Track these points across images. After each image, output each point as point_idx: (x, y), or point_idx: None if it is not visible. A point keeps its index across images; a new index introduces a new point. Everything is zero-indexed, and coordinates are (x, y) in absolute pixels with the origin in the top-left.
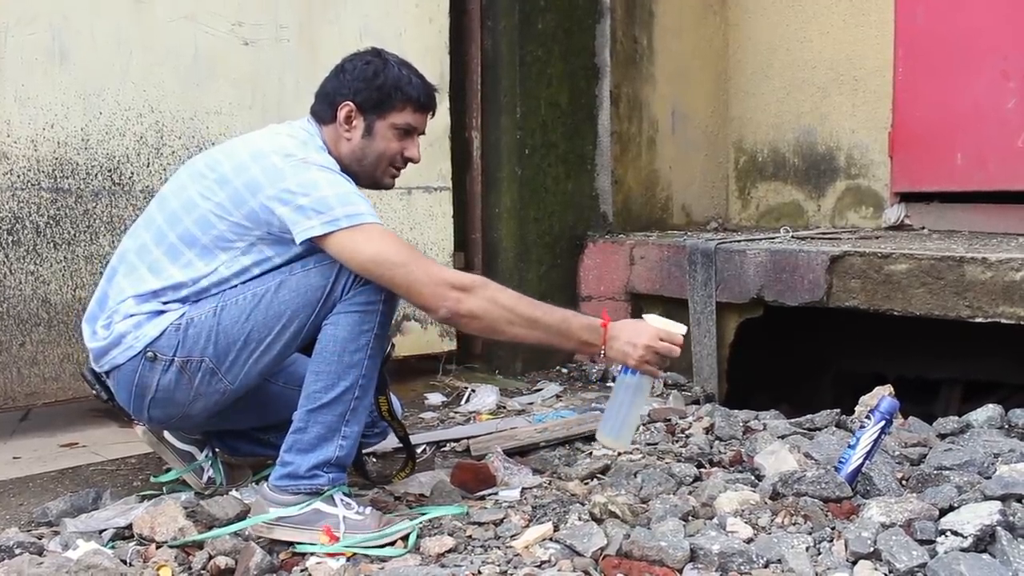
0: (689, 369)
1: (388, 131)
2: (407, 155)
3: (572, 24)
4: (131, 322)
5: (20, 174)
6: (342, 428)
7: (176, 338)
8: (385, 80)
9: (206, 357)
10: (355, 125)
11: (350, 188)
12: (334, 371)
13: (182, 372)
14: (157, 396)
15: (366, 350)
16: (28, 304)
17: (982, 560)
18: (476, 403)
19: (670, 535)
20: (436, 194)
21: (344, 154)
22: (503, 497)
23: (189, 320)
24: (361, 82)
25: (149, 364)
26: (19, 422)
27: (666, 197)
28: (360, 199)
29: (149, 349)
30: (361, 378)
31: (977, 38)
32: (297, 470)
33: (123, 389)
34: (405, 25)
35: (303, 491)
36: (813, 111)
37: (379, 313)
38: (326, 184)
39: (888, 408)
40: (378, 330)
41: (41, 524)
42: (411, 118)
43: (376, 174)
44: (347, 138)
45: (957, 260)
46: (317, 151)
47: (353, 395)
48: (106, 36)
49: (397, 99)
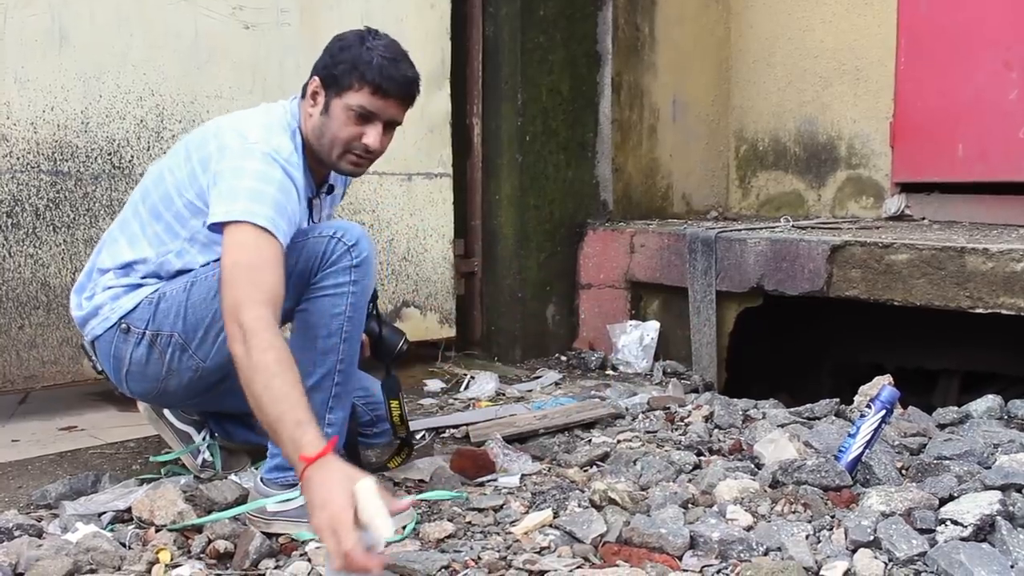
0: (688, 358)
1: (342, 112)
2: (364, 142)
3: (574, 11)
4: (109, 294)
5: (19, 157)
6: (326, 415)
7: (148, 312)
8: (347, 57)
9: (175, 332)
10: (318, 101)
11: (273, 187)
12: (310, 358)
13: (152, 346)
14: (131, 369)
15: (340, 334)
16: (27, 287)
17: (982, 549)
18: (475, 390)
19: (670, 522)
20: (436, 180)
21: (309, 130)
22: (502, 484)
23: (162, 295)
24: (328, 56)
25: (123, 336)
26: (18, 405)
27: (667, 185)
28: (270, 201)
29: (123, 321)
30: (339, 363)
31: (979, 28)
32: (284, 462)
33: (104, 359)
34: (406, 11)
35: (292, 482)
36: (815, 100)
37: (348, 295)
38: (251, 175)
39: (889, 397)
40: (350, 312)
41: (40, 507)
42: (366, 101)
43: (332, 156)
44: (310, 113)
45: (958, 250)
46: (281, 134)
47: (333, 381)
48: (106, 18)
49: (353, 78)
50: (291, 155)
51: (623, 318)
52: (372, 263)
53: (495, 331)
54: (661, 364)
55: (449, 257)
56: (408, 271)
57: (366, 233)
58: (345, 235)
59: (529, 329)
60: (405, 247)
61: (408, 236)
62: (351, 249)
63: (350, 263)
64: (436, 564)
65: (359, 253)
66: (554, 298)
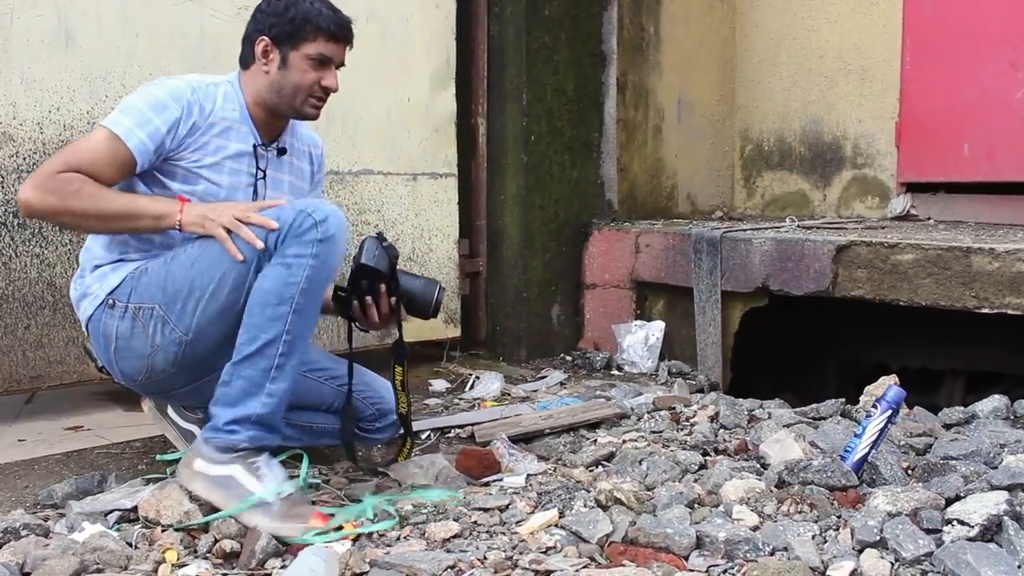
0: (693, 358)
1: (302, 62)
2: (324, 84)
3: (579, 11)
4: (97, 273)
5: (26, 156)
6: (266, 384)
7: (131, 285)
8: (296, 13)
9: (156, 304)
10: (271, 58)
11: (144, 103)
12: (257, 323)
13: (135, 319)
14: (119, 345)
15: (290, 303)
16: (34, 287)
17: (989, 550)
18: (480, 390)
19: (676, 522)
20: (442, 180)
21: (264, 87)
22: (508, 484)
23: (143, 269)
24: (273, 16)
25: (109, 311)
26: (24, 405)
27: (671, 185)
28: (135, 114)
29: (110, 297)
30: (285, 334)
31: (985, 28)
32: (217, 422)
33: (95, 340)
34: (411, 10)
35: (221, 445)
36: (820, 100)
37: (307, 267)
38: (136, 95)
39: (895, 397)
40: (305, 284)
41: (47, 506)
42: (324, 48)
43: (295, 104)
44: (265, 71)
45: (964, 250)
46: (205, 76)
47: (276, 350)
48: (112, 18)
49: (308, 30)
50: (218, 84)
51: (628, 318)
52: (340, 244)
53: (500, 331)
54: (666, 364)
55: (454, 257)
56: (413, 271)
57: (342, 217)
58: (316, 211)
59: (534, 329)
60: (410, 247)
61: (413, 236)
62: (319, 224)
63: (315, 237)
64: (442, 564)
65: (327, 230)
66: (559, 298)
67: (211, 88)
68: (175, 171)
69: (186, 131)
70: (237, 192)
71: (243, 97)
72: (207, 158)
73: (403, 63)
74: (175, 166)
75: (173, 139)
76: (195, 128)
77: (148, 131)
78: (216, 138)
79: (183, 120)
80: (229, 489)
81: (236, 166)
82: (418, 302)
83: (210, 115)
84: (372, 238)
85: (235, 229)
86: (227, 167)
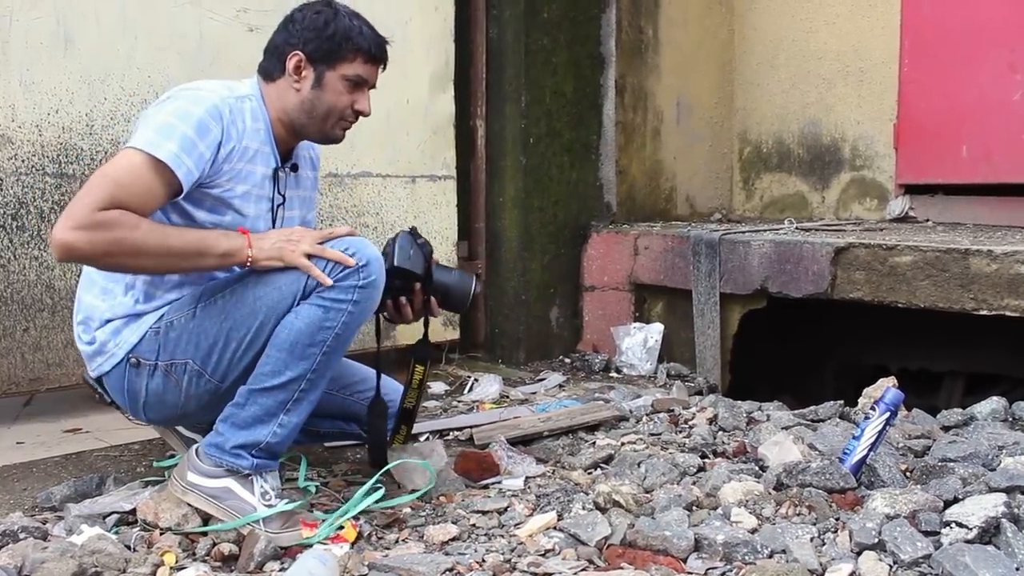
0: (692, 360)
1: (338, 82)
2: (357, 108)
3: (578, 13)
4: (109, 328)
5: (25, 159)
6: (280, 415)
7: (156, 342)
8: (336, 30)
9: (189, 359)
10: (304, 76)
11: (186, 125)
12: (284, 359)
13: (168, 375)
14: (148, 400)
15: (322, 347)
16: (32, 289)
17: (987, 552)
18: (479, 392)
19: (674, 525)
20: (440, 183)
21: (293, 106)
22: (507, 486)
23: (168, 323)
24: (311, 32)
25: (134, 370)
26: (23, 407)
27: (670, 188)
28: (178, 137)
29: (131, 355)
30: (311, 372)
31: (984, 30)
32: (224, 443)
33: (116, 394)
34: (411, 13)
35: (223, 466)
36: (818, 102)
37: (346, 313)
38: (170, 111)
39: (893, 399)
40: (340, 330)
41: (45, 509)
42: (362, 69)
43: (326, 127)
44: (296, 88)
45: (962, 252)
46: (237, 84)
47: (299, 386)
48: (111, 21)
49: (348, 49)
50: (245, 98)
51: (627, 320)
52: (379, 288)
53: (499, 333)
54: (665, 366)
55: (453, 259)
56: None
57: (380, 258)
58: (357, 254)
59: (533, 331)
60: None
61: None
62: (360, 270)
63: (355, 283)
64: (440, 567)
65: (368, 275)
66: (558, 300)
67: (241, 104)
68: (203, 199)
69: (224, 156)
70: (259, 221)
71: (268, 114)
72: (239, 186)
73: (402, 65)
74: (205, 194)
75: (213, 164)
76: (232, 154)
77: (194, 158)
78: (247, 164)
79: (223, 144)
80: (226, 501)
81: (260, 192)
82: (454, 297)
83: (243, 137)
84: (406, 235)
85: (320, 253)
86: (254, 195)
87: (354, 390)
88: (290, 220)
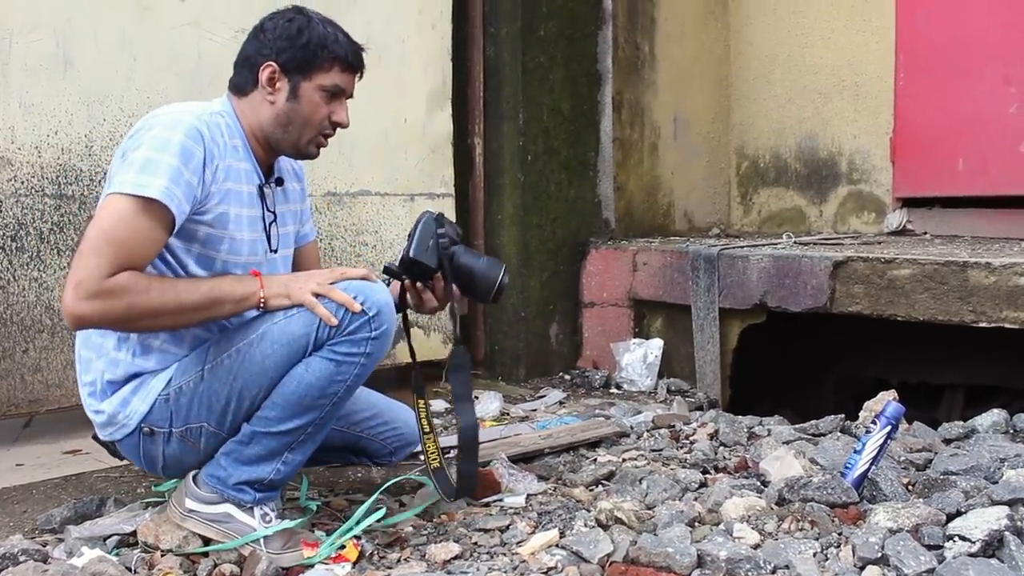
0: (692, 375)
1: (315, 93)
2: (335, 119)
3: (574, 31)
4: (117, 400)
5: (24, 180)
6: (284, 453)
7: (168, 410)
8: (310, 38)
9: (203, 423)
10: (279, 87)
11: (168, 154)
12: (292, 409)
13: (184, 440)
14: (168, 463)
15: (332, 398)
16: (32, 310)
17: (991, 565)
18: (479, 410)
19: (677, 541)
20: (439, 201)
21: (267, 119)
22: (508, 504)
23: (178, 389)
24: (284, 40)
25: (148, 439)
26: (22, 429)
27: (668, 203)
28: (165, 170)
29: (144, 425)
30: (319, 418)
31: (978, 44)
32: (227, 479)
33: (133, 458)
34: (408, 32)
35: (225, 499)
36: (815, 117)
37: (358, 366)
38: (147, 144)
39: (894, 413)
40: (352, 382)
41: (45, 531)
42: (339, 78)
43: (302, 141)
44: (270, 101)
45: (960, 265)
46: (205, 104)
47: (306, 431)
48: (110, 42)
49: (324, 58)
50: (218, 115)
51: (626, 336)
52: (391, 334)
53: (498, 350)
54: (665, 382)
55: None
56: None
57: (391, 303)
58: (367, 302)
59: (532, 348)
60: None
61: None
62: (372, 320)
63: (367, 335)
64: None
65: (379, 324)
66: (557, 317)
67: (215, 119)
68: (196, 231)
69: (211, 176)
70: (256, 244)
71: (241, 127)
72: (231, 209)
73: (400, 84)
74: (199, 223)
75: (202, 188)
76: (218, 172)
77: (183, 186)
78: (234, 184)
79: (207, 164)
80: (226, 524)
81: (251, 213)
82: (479, 286)
83: (225, 155)
84: (430, 221)
85: (327, 293)
86: (245, 216)
87: (364, 426)
88: (284, 237)
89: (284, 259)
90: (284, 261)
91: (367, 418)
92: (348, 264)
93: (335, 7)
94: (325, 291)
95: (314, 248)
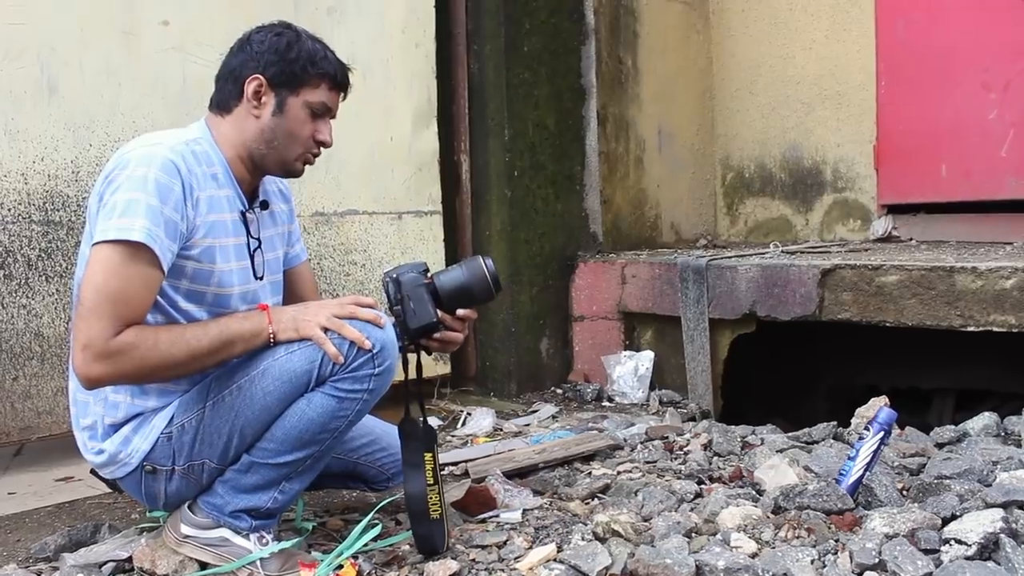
0: (684, 386)
1: (301, 109)
2: (319, 138)
3: (558, 46)
4: (118, 439)
5: (11, 208)
6: (282, 483)
7: (170, 448)
8: (300, 53)
9: (206, 459)
10: (265, 102)
11: (145, 193)
12: (292, 443)
13: (186, 477)
14: (169, 500)
15: (333, 432)
16: (21, 338)
17: (987, 568)
18: (473, 426)
19: (675, 552)
20: (427, 218)
21: (252, 135)
22: (505, 519)
23: (180, 428)
24: (273, 54)
25: (151, 476)
26: (13, 457)
27: (655, 215)
28: (143, 210)
29: (146, 463)
30: (319, 451)
31: (957, 51)
32: (224, 507)
33: (134, 494)
34: (392, 51)
35: (215, 521)
36: (798, 126)
37: (360, 402)
38: (123, 185)
39: (886, 419)
40: (353, 417)
41: (40, 559)
42: (326, 96)
43: (287, 157)
44: (256, 115)
45: (947, 270)
46: (178, 133)
47: (304, 463)
48: (95, 68)
49: (313, 74)
50: (195, 142)
51: (617, 349)
52: (394, 369)
53: (490, 366)
54: (657, 393)
55: None
56: None
57: (393, 338)
58: (371, 338)
59: (524, 363)
60: None
61: None
62: (375, 357)
63: (370, 372)
64: None
65: (383, 361)
66: (547, 331)
67: (190, 149)
68: (184, 267)
69: (193, 211)
70: (245, 274)
71: (221, 152)
72: (217, 240)
73: (385, 103)
74: (185, 260)
75: (187, 224)
76: (199, 203)
77: (163, 226)
78: (217, 215)
79: (187, 197)
80: (223, 548)
81: (236, 242)
82: (476, 292)
83: (204, 185)
84: (409, 284)
85: (338, 329)
86: (231, 246)
87: (361, 452)
88: (271, 263)
89: (273, 285)
90: (273, 288)
91: (364, 444)
92: (337, 282)
93: (319, 26)
94: (336, 327)
95: (306, 269)
